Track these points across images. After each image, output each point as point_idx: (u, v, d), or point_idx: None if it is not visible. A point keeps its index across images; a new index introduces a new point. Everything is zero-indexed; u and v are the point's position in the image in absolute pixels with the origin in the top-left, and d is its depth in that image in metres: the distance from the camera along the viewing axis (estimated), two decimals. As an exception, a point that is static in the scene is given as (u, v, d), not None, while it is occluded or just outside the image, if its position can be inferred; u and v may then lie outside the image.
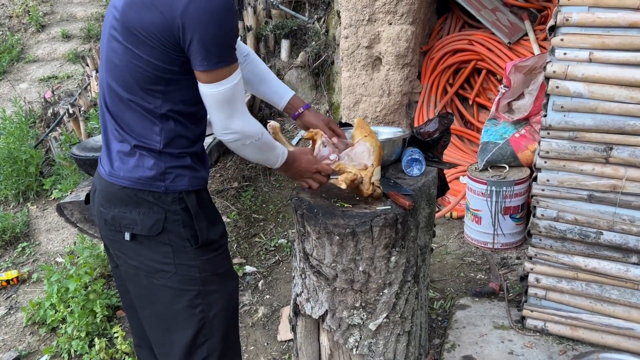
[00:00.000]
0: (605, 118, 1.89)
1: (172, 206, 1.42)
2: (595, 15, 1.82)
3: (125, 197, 1.42)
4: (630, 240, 1.96)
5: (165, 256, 1.44)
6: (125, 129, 1.42)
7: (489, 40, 3.57)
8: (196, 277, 1.47)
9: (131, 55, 1.34)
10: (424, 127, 2.02)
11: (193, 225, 1.45)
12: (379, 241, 1.62)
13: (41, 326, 2.80)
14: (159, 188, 1.41)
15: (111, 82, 1.41)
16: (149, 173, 1.41)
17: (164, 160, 1.42)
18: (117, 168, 1.43)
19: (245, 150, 1.45)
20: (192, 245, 1.45)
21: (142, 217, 1.42)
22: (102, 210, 1.47)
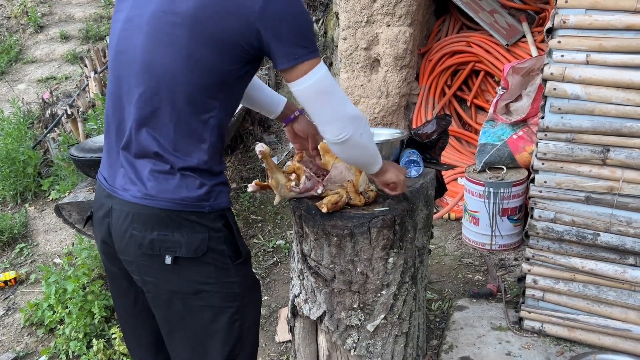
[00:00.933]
0: (602, 120, 1.90)
1: (214, 224, 1.36)
2: (593, 18, 1.83)
3: (166, 218, 1.32)
4: (627, 242, 1.97)
5: (209, 276, 1.38)
6: (165, 145, 1.30)
7: (487, 42, 3.58)
8: (237, 292, 1.42)
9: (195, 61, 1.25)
10: (422, 128, 2.03)
11: (234, 241, 1.40)
12: (377, 242, 1.62)
13: (39, 327, 2.80)
14: (203, 208, 1.33)
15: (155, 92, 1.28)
16: (195, 193, 1.32)
17: (208, 178, 1.35)
18: (154, 189, 1.32)
19: (363, 141, 1.38)
20: (233, 261, 1.40)
21: (187, 238, 1.33)
22: (134, 234, 1.33)
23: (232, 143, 4.22)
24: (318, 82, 1.28)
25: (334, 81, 1.32)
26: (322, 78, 1.29)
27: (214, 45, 1.24)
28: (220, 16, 1.23)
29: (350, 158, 1.44)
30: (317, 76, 1.28)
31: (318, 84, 1.28)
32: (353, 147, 1.37)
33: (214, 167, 1.36)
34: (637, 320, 2.03)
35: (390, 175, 1.58)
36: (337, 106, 1.32)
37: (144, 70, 1.28)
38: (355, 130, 1.34)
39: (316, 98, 1.30)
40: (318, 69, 1.28)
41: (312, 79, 1.27)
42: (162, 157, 1.31)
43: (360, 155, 1.44)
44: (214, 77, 1.28)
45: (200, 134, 1.31)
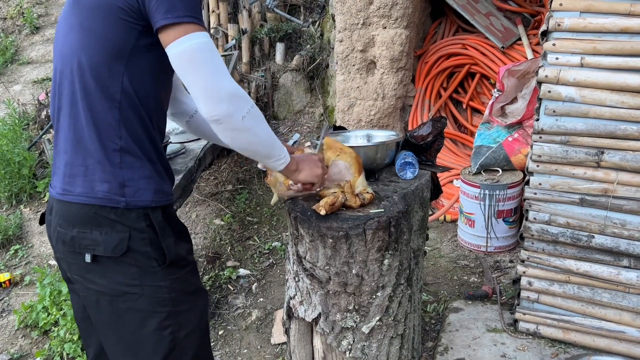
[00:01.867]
0: (597, 122, 1.90)
1: (136, 223, 1.30)
2: (587, 21, 1.84)
3: (83, 215, 1.29)
4: (621, 244, 1.98)
5: (132, 277, 1.32)
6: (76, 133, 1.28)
7: (482, 44, 3.59)
8: (166, 297, 1.36)
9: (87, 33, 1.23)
10: (417, 130, 2.03)
11: (160, 243, 1.33)
12: (372, 244, 1.62)
13: (33, 329, 2.79)
14: (118, 203, 1.28)
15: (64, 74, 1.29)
16: (106, 186, 1.28)
17: (123, 170, 1.29)
18: (69, 183, 1.30)
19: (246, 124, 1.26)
20: (160, 264, 1.34)
21: (105, 236, 1.28)
22: (59, 231, 1.33)
23: (228, 145, 4.21)
24: (193, 48, 1.18)
25: (215, 53, 1.22)
26: (200, 44, 1.19)
27: (96, 13, 1.22)
28: None
29: (236, 144, 1.31)
30: (193, 41, 1.18)
31: (193, 49, 1.18)
32: (234, 130, 1.26)
33: (131, 158, 1.29)
34: (631, 322, 2.04)
35: (304, 176, 1.52)
36: (212, 78, 1.20)
37: (60, 54, 1.29)
38: (234, 110, 1.22)
39: (190, 65, 1.19)
40: (197, 35, 1.19)
41: (187, 43, 1.18)
42: (74, 148, 1.29)
43: (248, 142, 1.31)
44: (109, 50, 1.23)
45: (108, 120, 1.26)
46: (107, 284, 1.33)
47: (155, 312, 1.36)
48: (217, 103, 1.20)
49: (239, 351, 2.53)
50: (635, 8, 1.76)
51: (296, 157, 1.50)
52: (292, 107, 4.55)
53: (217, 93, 1.20)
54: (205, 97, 1.20)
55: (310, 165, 1.53)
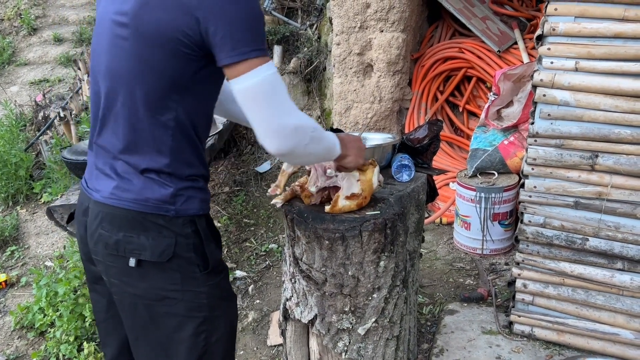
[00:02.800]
0: (591, 126, 1.92)
1: (183, 230, 1.31)
2: (581, 25, 1.85)
3: (132, 219, 1.29)
4: (615, 247, 1.99)
5: (173, 283, 1.33)
6: (127, 146, 1.29)
7: (479, 48, 3.61)
8: (203, 303, 1.37)
9: (144, 62, 1.22)
10: (414, 133, 2.04)
11: (203, 249, 1.35)
12: (368, 246, 1.63)
13: (29, 330, 2.79)
14: (168, 212, 1.29)
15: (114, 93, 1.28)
16: (158, 195, 1.29)
17: (173, 182, 1.30)
18: (119, 188, 1.30)
19: (308, 150, 1.26)
20: (201, 270, 1.35)
21: (152, 242, 1.29)
22: (102, 233, 1.32)
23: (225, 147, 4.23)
24: (257, 85, 1.17)
25: (279, 85, 1.20)
26: (263, 80, 1.17)
27: (156, 44, 1.19)
28: (159, 10, 1.17)
29: (297, 163, 1.36)
30: (257, 78, 1.17)
31: (257, 86, 1.17)
32: (298, 157, 1.28)
33: (181, 170, 1.31)
34: (625, 324, 2.06)
35: (350, 160, 1.50)
36: (276, 115, 1.19)
37: (108, 75, 1.28)
38: (298, 142, 1.23)
39: (254, 103, 1.18)
40: (261, 70, 1.17)
41: (254, 79, 1.16)
42: (126, 158, 1.30)
43: (308, 160, 1.36)
44: (165, 78, 1.22)
45: (159, 137, 1.27)
46: (147, 288, 1.34)
47: (192, 317, 1.37)
48: (282, 140, 1.20)
49: (235, 353, 2.53)
50: (628, 13, 1.78)
51: (345, 142, 1.47)
52: (289, 109, 4.55)
53: (281, 130, 1.20)
54: (271, 135, 1.20)
55: (354, 147, 1.51)
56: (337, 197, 1.63)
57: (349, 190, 1.63)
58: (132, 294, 1.36)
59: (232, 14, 1.14)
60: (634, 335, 2.05)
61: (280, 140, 1.20)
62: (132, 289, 1.35)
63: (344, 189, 1.63)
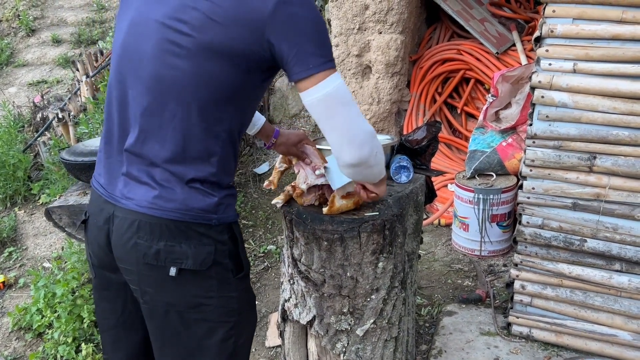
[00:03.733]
0: (589, 127, 1.93)
1: (220, 236, 1.32)
2: (579, 27, 1.86)
3: (174, 228, 1.27)
4: (613, 248, 2.00)
5: (210, 289, 1.33)
6: (174, 156, 1.26)
7: (477, 50, 3.62)
8: (235, 307, 1.38)
9: (204, 74, 1.20)
10: (412, 135, 2.05)
11: (238, 254, 1.36)
12: (367, 247, 1.63)
13: (27, 331, 2.78)
14: (211, 220, 1.29)
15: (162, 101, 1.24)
16: (203, 205, 1.28)
17: (216, 191, 1.30)
18: (161, 198, 1.27)
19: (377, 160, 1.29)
20: (234, 275, 1.36)
21: (194, 250, 1.28)
22: (140, 243, 1.28)
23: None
24: (332, 93, 1.18)
25: (348, 93, 1.22)
26: (337, 89, 1.19)
27: (221, 58, 1.18)
28: (227, 25, 1.16)
29: (361, 178, 1.38)
30: (331, 86, 1.18)
31: (332, 95, 1.19)
32: (368, 167, 1.30)
33: (223, 179, 1.31)
34: (623, 325, 2.06)
35: (383, 188, 1.54)
36: (353, 122, 1.21)
37: (153, 81, 1.23)
38: (371, 149, 1.25)
39: (329, 111, 1.20)
40: (333, 79, 1.19)
41: (325, 89, 1.18)
42: (170, 167, 1.27)
43: (371, 174, 1.37)
44: (224, 91, 1.22)
45: (210, 147, 1.26)
46: (183, 296, 1.33)
47: (223, 322, 1.37)
48: (360, 148, 1.22)
49: (234, 354, 2.53)
50: (626, 15, 1.79)
51: None
52: (288, 110, 4.56)
53: (358, 138, 1.21)
54: (348, 144, 1.21)
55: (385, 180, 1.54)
56: (333, 198, 1.63)
57: (344, 190, 1.63)
58: (166, 303, 1.33)
59: (304, 29, 1.15)
60: (631, 336, 2.05)
61: (358, 148, 1.22)
62: (167, 297, 1.33)
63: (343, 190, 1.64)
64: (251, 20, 1.15)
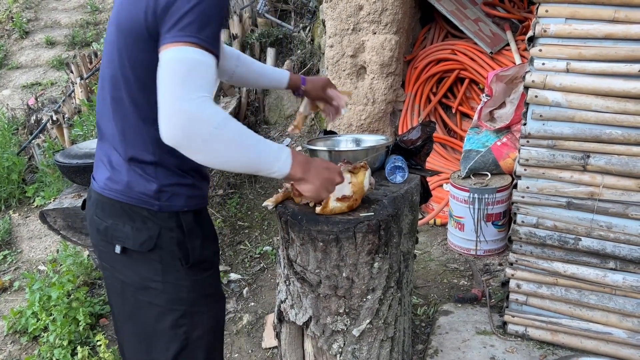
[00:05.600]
0: (583, 127, 1.93)
1: (167, 223, 1.35)
2: (572, 27, 1.87)
3: (119, 209, 1.35)
4: (607, 246, 2.01)
5: (155, 273, 1.37)
6: (120, 136, 1.33)
7: (471, 50, 3.63)
8: (184, 297, 1.40)
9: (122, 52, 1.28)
10: (407, 135, 2.05)
11: (186, 244, 1.38)
12: (362, 247, 1.63)
13: (22, 335, 2.77)
14: (152, 206, 1.33)
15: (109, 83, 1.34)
16: (144, 189, 1.33)
17: (159, 177, 1.33)
18: (110, 180, 1.36)
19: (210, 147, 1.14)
20: (183, 264, 1.38)
21: (135, 232, 1.34)
22: (95, 219, 1.40)
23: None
24: (179, 60, 1.11)
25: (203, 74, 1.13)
26: (189, 59, 1.11)
27: (128, 33, 1.26)
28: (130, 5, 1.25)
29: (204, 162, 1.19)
30: (185, 55, 1.11)
31: (178, 61, 1.11)
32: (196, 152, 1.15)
33: (167, 161, 1.33)
34: (618, 323, 2.07)
35: (309, 189, 1.40)
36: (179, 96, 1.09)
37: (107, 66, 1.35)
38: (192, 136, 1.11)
39: (175, 72, 1.11)
40: (193, 51, 1.12)
41: (176, 54, 1.12)
42: (118, 147, 1.35)
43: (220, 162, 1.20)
44: (140, 66, 1.26)
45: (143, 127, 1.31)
46: (132, 276, 1.40)
47: (172, 309, 1.41)
48: (171, 127, 1.11)
49: (230, 356, 2.53)
50: (619, 14, 1.80)
51: (307, 163, 1.36)
52: (283, 111, 4.56)
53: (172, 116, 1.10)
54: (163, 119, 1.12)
55: (322, 174, 1.40)
56: (328, 199, 1.63)
57: (340, 192, 1.63)
58: (120, 280, 1.42)
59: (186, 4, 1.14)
60: (626, 334, 2.06)
61: (169, 126, 1.11)
62: (120, 274, 1.41)
63: (335, 190, 1.64)
64: None
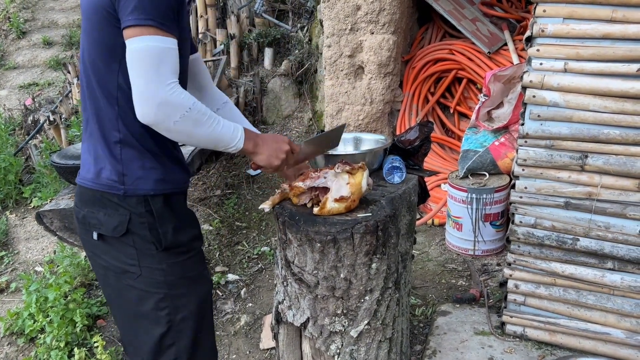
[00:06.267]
0: (581, 127, 1.93)
1: (136, 208, 1.40)
2: (570, 27, 1.87)
3: (92, 197, 1.42)
4: (605, 247, 2.00)
5: (131, 258, 1.43)
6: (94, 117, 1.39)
7: (469, 49, 3.63)
8: (161, 280, 1.45)
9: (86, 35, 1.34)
10: (404, 135, 2.04)
11: (157, 228, 1.43)
12: (360, 248, 1.63)
13: (19, 336, 2.76)
14: (118, 190, 1.39)
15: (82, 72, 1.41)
16: (108, 174, 1.39)
17: (124, 159, 1.38)
18: (83, 168, 1.45)
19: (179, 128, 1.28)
20: (157, 248, 1.43)
21: (107, 218, 1.40)
22: (75, 209, 1.49)
23: (216, 150, 4.21)
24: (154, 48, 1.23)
25: (164, 59, 1.25)
26: (149, 48, 1.22)
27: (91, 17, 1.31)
28: None
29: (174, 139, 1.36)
30: (144, 44, 1.22)
31: (153, 49, 1.23)
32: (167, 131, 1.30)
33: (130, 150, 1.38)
34: (616, 323, 2.07)
35: (263, 159, 1.49)
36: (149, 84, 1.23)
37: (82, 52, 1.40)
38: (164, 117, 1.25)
39: (142, 62, 1.23)
40: (151, 39, 1.23)
41: (139, 44, 1.23)
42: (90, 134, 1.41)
43: (185, 140, 1.35)
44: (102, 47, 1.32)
45: (108, 108, 1.36)
46: (110, 261, 1.45)
47: (151, 292, 1.46)
48: (146, 109, 1.25)
49: (228, 357, 2.52)
50: (616, 14, 1.79)
51: (257, 138, 1.47)
52: (281, 111, 4.56)
53: (149, 99, 1.24)
54: (139, 101, 1.25)
55: (271, 145, 1.50)
56: (325, 199, 1.63)
57: (337, 192, 1.63)
58: (102, 265, 1.49)
59: None
60: (624, 334, 2.06)
61: (144, 108, 1.25)
62: (101, 260, 1.48)
63: (332, 191, 1.63)
64: None
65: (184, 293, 1.50)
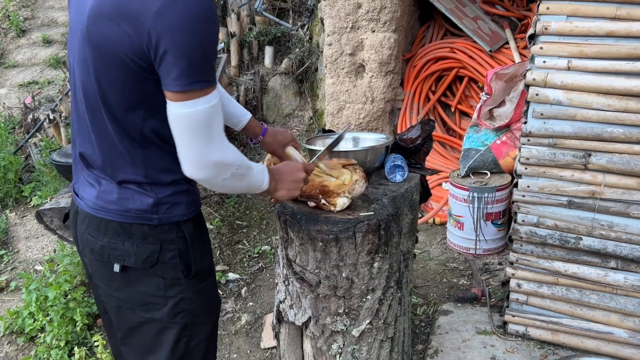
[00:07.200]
0: (584, 125, 1.92)
1: (167, 235, 1.31)
2: (574, 24, 1.85)
3: (117, 227, 1.30)
4: (608, 246, 1.99)
5: (157, 289, 1.34)
6: (108, 163, 1.28)
7: (470, 48, 3.62)
8: (186, 309, 1.38)
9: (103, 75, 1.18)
10: (406, 133, 2.04)
11: (189, 255, 1.35)
12: (362, 247, 1.62)
13: (19, 335, 2.75)
14: (151, 221, 1.29)
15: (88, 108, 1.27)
16: (140, 206, 1.28)
17: (154, 190, 1.29)
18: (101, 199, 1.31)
19: (226, 184, 1.25)
20: (185, 276, 1.35)
21: (136, 248, 1.29)
22: (89, 238, 1.34)
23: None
24: (192, 115, 1.13)
25: (215, 118, 1.16)
26: (199, 113, 1.13)
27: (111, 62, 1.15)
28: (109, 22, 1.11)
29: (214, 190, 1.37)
30: (194, 109, 1.13)
31: (191, 116, 1.13)
32: (214, 186, 1.27)
33: (160, 178, 1.29)
34: (619, 323, 2.06)
35: (284, 194, 1.45)
36: (201, 148, 1.16)
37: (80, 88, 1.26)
38: (215, 175, 1.21)
39: (183, 131, 1.15)
40: (204, 100, 1.13)
41: (190, 109, 1.13)
42: (104, 170, 1.29)
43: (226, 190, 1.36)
44: (126, 95, 1.19)
45: (130, 150, 1.25)
46: (131, 293, 1.35)
47: (173, 323, 1.38)
48: (198, 170, 1.19)
49: (229, 356, 2.51)
50: (620, 12, 1.78)
51: (276, 175, 1.43)
52: (282, 110, 4.55)
53: (201, 162, 1.18)
54: (190, 163, 1.19)
55: (288, 180, 1.46)
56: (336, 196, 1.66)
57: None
58: (117, 298, 1.37)
59: (185, 46, 1.08)
60: (627, 334, 2.05)
61: (195, 170, 1.19)
62: (117, 293, 1.37)
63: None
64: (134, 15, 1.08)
65: (202, 321, 1.44)
